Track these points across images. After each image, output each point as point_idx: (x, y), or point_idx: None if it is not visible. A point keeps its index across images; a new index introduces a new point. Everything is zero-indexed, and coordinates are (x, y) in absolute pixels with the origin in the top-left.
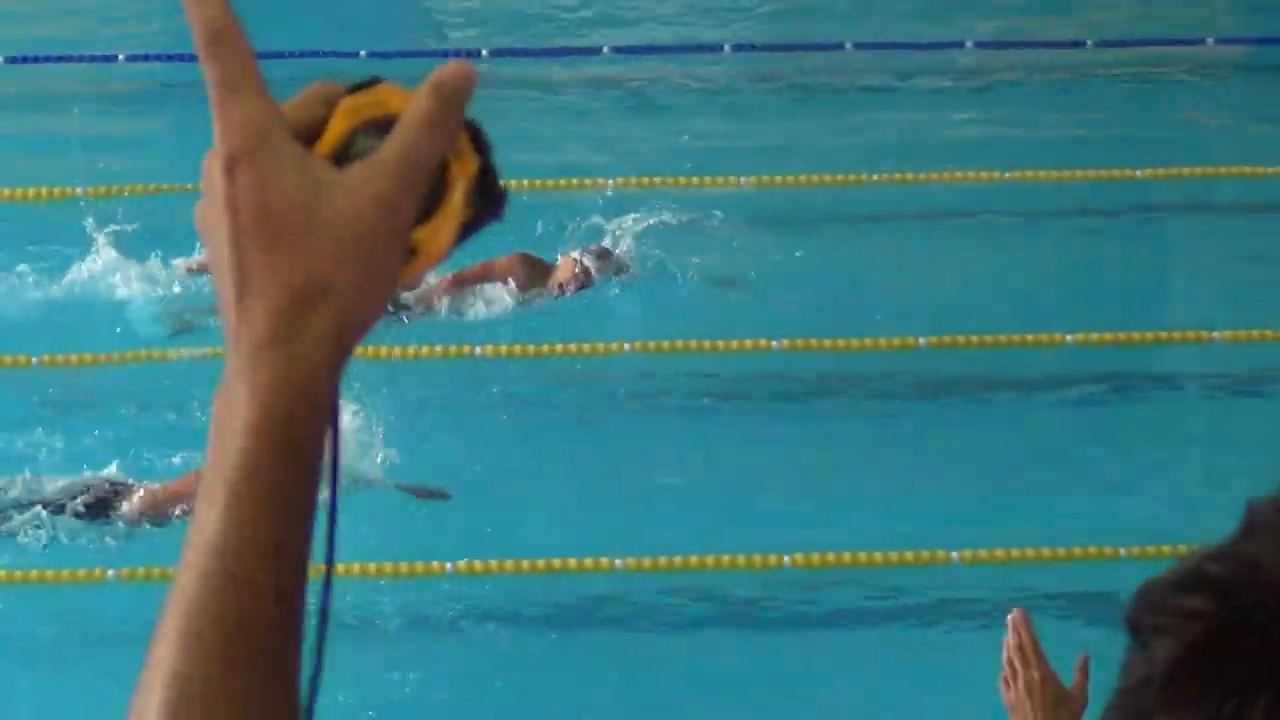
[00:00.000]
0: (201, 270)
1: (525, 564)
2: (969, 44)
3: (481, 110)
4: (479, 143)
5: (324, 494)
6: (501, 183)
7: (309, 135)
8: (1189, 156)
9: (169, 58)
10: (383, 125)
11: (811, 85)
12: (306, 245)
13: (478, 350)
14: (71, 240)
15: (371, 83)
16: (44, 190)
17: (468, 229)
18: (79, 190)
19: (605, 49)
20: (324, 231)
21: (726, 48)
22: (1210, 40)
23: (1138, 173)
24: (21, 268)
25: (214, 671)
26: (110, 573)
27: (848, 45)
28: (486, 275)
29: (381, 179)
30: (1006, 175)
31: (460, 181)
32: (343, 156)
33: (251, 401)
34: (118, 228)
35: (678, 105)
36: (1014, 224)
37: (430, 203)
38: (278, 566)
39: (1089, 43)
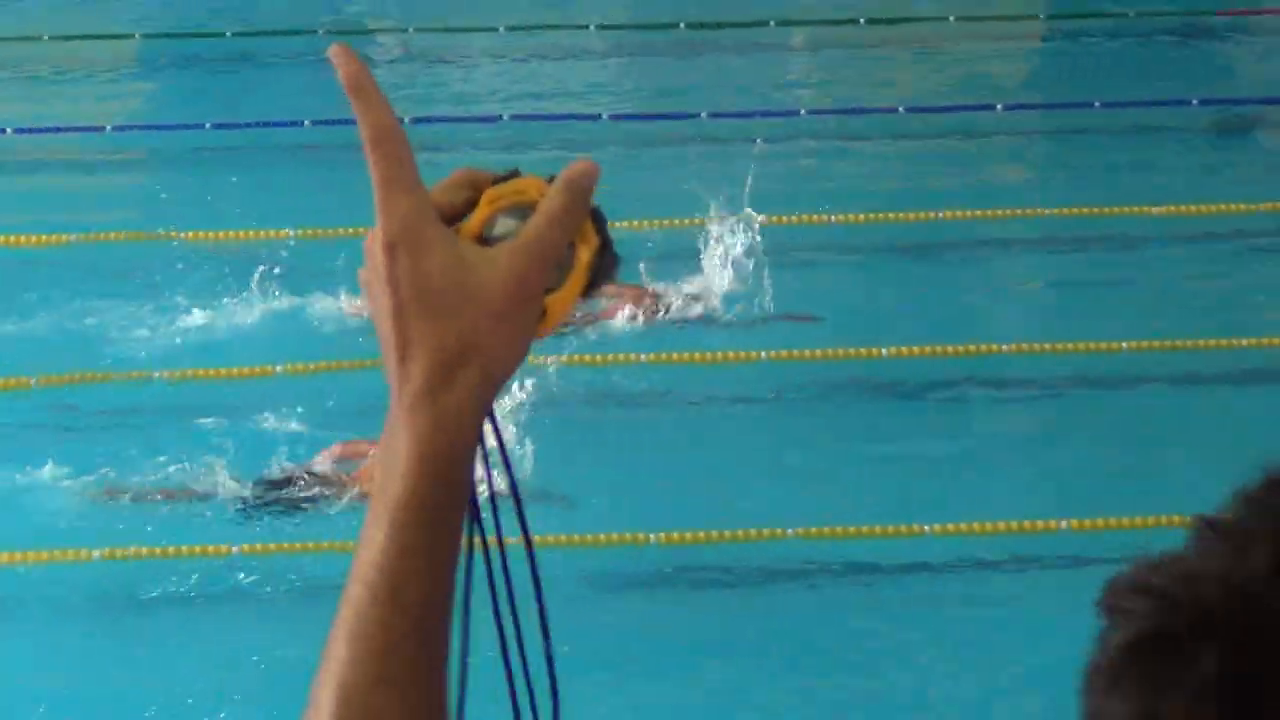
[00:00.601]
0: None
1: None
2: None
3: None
4: (598, 223)
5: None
6: (614, 251)
7: (455, 215)
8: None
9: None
10: (520, 210)
11: None
12: (456, 313)
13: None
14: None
15: (512, 174)
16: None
17: (585, 291)
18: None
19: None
20: (471, 301)
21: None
22: (999, 106)
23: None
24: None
25: (376, 667)
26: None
27: None
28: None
29: (521, 258)
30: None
31: (584, 256)
32: (486, 236)
33: (411, 442)
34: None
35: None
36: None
37: (559, 273)
38: (430, 581)
39: (901, 109)
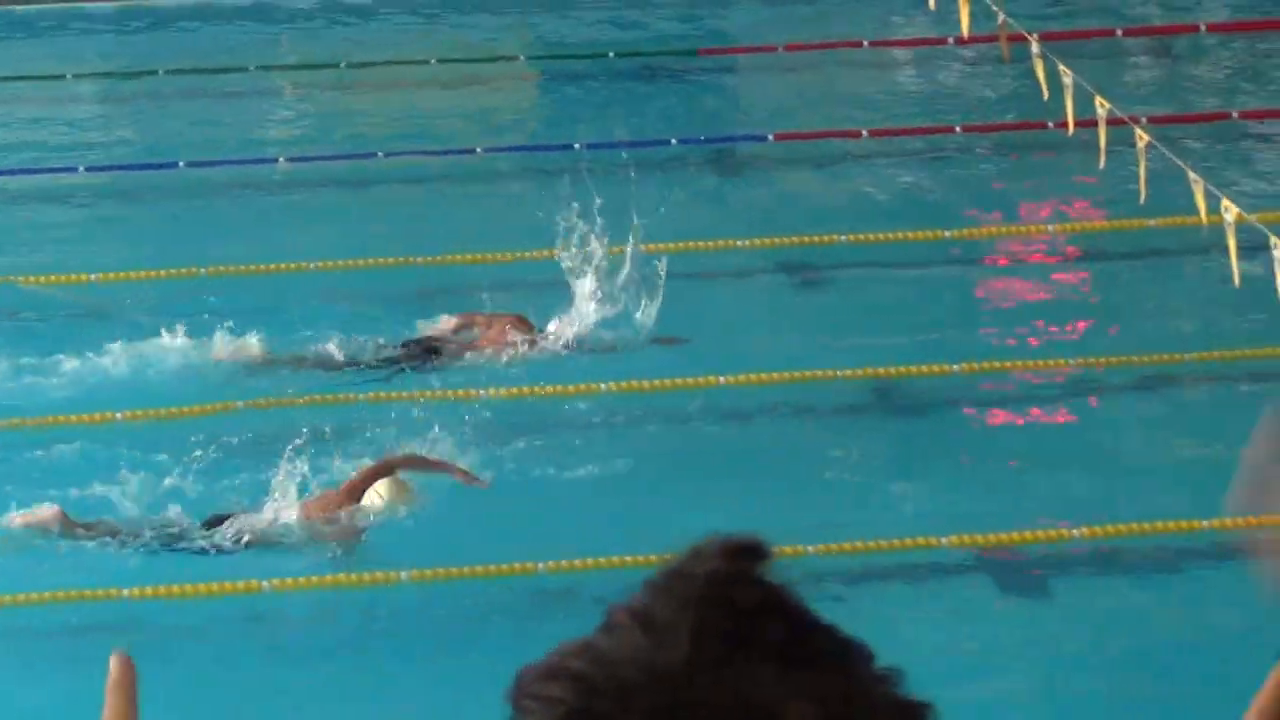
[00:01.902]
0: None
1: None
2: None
3: None
4: None
5: None
6: None
7: None
8: None
9: None
10: None
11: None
12: None
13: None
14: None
15: None
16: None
17: None
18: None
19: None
20: None
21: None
22: (479, 149)
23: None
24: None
25: None
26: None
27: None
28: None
29: None
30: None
31: None
32: None
33: None
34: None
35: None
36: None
37: None
38: None
39: (381, 154)
